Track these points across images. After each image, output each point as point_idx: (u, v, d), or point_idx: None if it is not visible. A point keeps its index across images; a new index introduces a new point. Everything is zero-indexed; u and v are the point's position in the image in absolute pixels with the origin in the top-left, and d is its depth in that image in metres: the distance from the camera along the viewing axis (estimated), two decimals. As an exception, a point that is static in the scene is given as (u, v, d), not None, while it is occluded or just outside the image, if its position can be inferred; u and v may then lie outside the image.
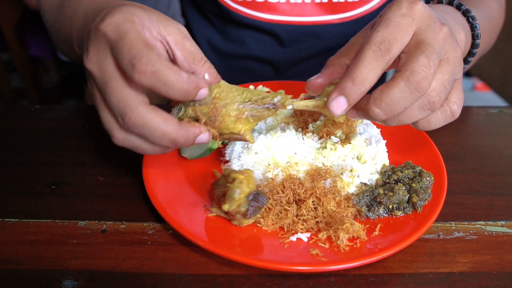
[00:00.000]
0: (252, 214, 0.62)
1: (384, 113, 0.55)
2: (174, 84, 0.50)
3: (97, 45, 0.52)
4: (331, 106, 0.56)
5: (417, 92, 0.53)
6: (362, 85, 0.54)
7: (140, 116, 0.51)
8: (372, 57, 0.53)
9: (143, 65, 0.48)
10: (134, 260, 0.61)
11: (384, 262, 0.61)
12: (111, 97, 0.52)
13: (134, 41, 0.49)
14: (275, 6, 0.96)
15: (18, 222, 0.67)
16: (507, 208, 0.72)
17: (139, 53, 0.49)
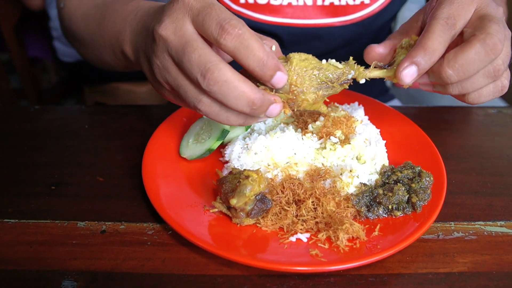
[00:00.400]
0: (255, 215, 0.62)
1: (456, 75, 0.58)
2: (256, 50, 0.51)
3: (175, 14, 0.53)
4: (402, 75, 0.59)
5: (492, 54, 0.56)
6: (433, 55, 0.57)
7: (222, 72, 0.51)
8: (441, 29, 0.57)
9: (231, 26, 0.50)
10: (133, 261, 0.61)
11: (383, 262, 0.61)
12: (192, 55, 0.51)
13: (222, 8, 0.52)
14: (277, 9, 0.97)
15: (17, 222, 0.67)
16: (506, 208, 0.72)
17: (229, 16, 0.51)
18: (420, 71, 0.59)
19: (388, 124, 0.85)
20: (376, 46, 0.64)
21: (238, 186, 0.61)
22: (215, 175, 0.74)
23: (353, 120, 0.79)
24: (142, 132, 0.87)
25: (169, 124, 0.83)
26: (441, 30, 0.57)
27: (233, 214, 0.63)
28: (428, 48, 0.57)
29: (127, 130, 0.90)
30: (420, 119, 0.95)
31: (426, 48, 0.57)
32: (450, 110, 1.01)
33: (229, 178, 0.65)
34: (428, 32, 0.58)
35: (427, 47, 0.57)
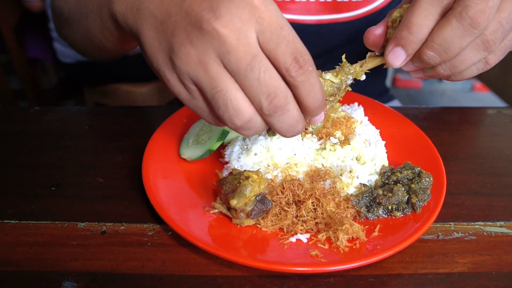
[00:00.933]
0: (255, 216, 0.62)
1: (438, 55, 0.53)
2: (317, 89, 0.49)
3: (238, 13, 0.45)
4: (389, 58, 0.55)
5: (473, 28, 0.49)
6: (419, 32, 0.51)
7: (289, 101, 0.49)
8: (428, 1, 0.51)
9: (305, 62, 0.47)
10: (133, 262, 0.61)
11: (383, 262, 0.62)
12: (262, 74, 0.47)
13: (293, 33, 0.47)
14: (280, 4, 0.96)
15: (17, 223, 0.67)
16: (506, 208, 0.72)
17: (302, 48, 0.47)
18: (408, 52, 0.54)
19: (388, 125, 0.85)
20: (373, 29, 0.58)
21: (238, 187, 0.61)
22: (215, 176, 0.74)
23: (352, 120, 0.79)
24: (142, 133, 0.87)
25: (169, 125, 0.83)
26: (428, 2, 0.50)
27: (233, 214, 0.63)
28: (412, 26, 0.51)
29: (127, 131, 0.90)
30: (419, 119, 0.95)
31: (410, 26, 0.51)
32: (450, 111, 1.01)
33: (229, 179, 0.65)
34: (413, 6, 0.51)
35: (410, 25, 0.51)
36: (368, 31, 0.58)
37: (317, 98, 0.50)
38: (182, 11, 0.48)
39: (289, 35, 0.47)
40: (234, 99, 0.48)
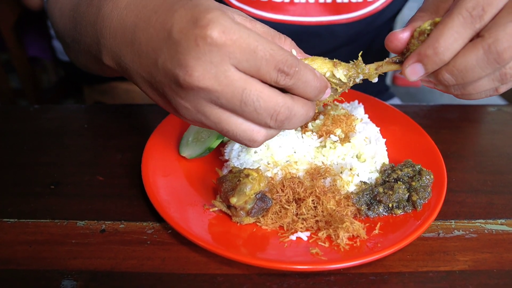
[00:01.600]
0: (255, 214, 0.62)
1: (454, 79, 0.53)
2: (311, 81, 0.51)
3: (207, 58, 0.46)
4: (407, 72, 0.54)
5: (497, 63, 0.49)
6: (445, 56, 0.51)
7: (292, 109, 0.51)
8: (461, 24, 0.49)
9: (289, 67, 0.48)
10: (133, 260, 0.61)
11: (384, 260, 0.61)
12: (257, 103, 0.48)
13: (266, 43, 0.47)
14: (279, 6, 0.96)
15: (17, 222, 0.67)
16: (506, 206, 0.72)
17: (282, 55, 0.47)
18: (427, 70, 0.53)
19: (388, 123, 0.85)
20: (398, 33, 0.55)
21: (238, 185, 0.61)
22: (215, 174, 0.74)
23: (353, 118, 0.78)
24: (142, 131, 0.87)
25: (169, 123, 0.83)
26: (461, 24, 0.49)
27: (233, 213, 0.63)
28: (439, 47, 0.50)
29: (127, 129, 0.89)
30: (420, 117, 0.95)
31: (437, 47, 0.50)
32: (450, 108, 1.01)
33: (229, 177, 0.64)
34: (444, 26, 0.50)
35: (438, 46, 0.50)
36: (393, 35, 0.56)
37: (314, 88, 0.52)
38: (160, 71, 0.49)
39: (265, 53, 0.47)
40: (243, 133, 0.52)
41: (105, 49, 0.58)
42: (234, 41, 0.46)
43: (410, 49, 0.55)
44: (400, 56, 0.57)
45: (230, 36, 0.45)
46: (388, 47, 0.58)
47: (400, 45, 0.56)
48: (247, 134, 0.52)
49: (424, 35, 0.53)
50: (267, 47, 0.47)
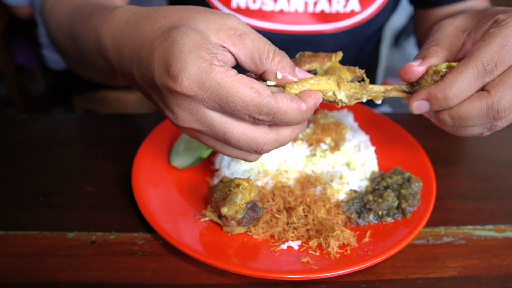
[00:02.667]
0: (246, 223, 0.62)
1: (452, 122, 0.56)
2: (293, 120, 0.50)
3: (186, 105, 0.48)
4: (413, 106, 0.57)
5: (493, 118, 0.54)
6: (452, 102, 0.54)
7: (273, 142, 0.52)
8: (474, 76, 0.52)
9: (265, 115, 0.48)
10: (124, 271, 0.61)
11: (374, 268, 0.62)
12: (239, 143, 0.50)
13: (242, 97, 0.46)
14: (269, 15, 0.97)
15: (5, 234, 0.66)
16: (494, 212, 0.73)
17: (256, 104, 0.47)
18: (432, 109, 0.56)
19: (378, 131, 0.86)
20: (414, 66, 0.57)
21: (229, 195, 0.61)
22: (206, 184, 0.74)
23: (342, 127, 0.79)
24: (132, 141, 0.86)
25: (159, 133, 0.82)
26: (473, 76, 0.52)
27: (224, 222, 0.63)
28: (450, 94, 0.53)
29: (117, 138, 0.89)
30: (409, 125, 0.95)
31: (448, 93, 0.53)
32: (438, 116, 1.02)
33: (220, 187, 0.64)
34: (458, 75, 0.52)
35: (449, 93, 0.53)
36: (409, 67, 0.58)
37: (298, 121, 0.51)
38: (154, 83, 0.50)
39: (236, 104, 0.47)
40: (237, 156, 0.55)
41: (114, 69, 0.61)
42: (205, 91, 0.46)
43: (420, 83, 0.58)
44: (410, 87, 0.59)
45: (200, 87, 0.46)
46: (402, 76, 0.59)
47: (414, 78, 0.58)
48: (240, 157, 0.55)
49: (438, 75, 0.56)
50: (238, 98, 0.46)
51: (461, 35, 0.61)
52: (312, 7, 0.97)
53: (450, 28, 0.62)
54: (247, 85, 0.46)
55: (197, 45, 0.47)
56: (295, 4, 0.96)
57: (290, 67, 0.52)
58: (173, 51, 0.47)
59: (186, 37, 0.47)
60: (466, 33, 0.61)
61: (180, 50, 0.47)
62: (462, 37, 0.61)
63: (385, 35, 3.06)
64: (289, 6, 0.96)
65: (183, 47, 0.47)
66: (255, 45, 0.51)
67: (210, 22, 0.50)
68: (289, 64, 0.52)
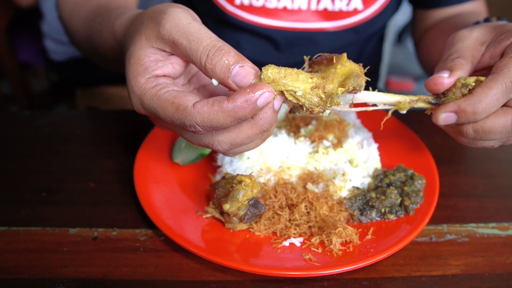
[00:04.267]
0: (248, 220, 0.62)
1: (474, 136, 0.58)
2: (224, 122, 0.48)
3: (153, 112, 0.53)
4: (441, 117, 0.58)
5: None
6: (480, 116, 0.56)
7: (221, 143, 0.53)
8: (502, 91, 0.54)
9: (191, 127, 0.49)
10: (126, 268, 0.61)
11: (377, 265, 0.62)
12: (193, 141, 0.55)
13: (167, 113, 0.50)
14: (273, 11, 0.97)
15: (7, 230, 0.66)
16: (497, 210, 0.73)
17: (180, 120, 0.49)
18: (459, 122, 0.57)
19: (380, 127, 0.85)
20: (444, 78, 0.58)
21: (231, 191, 0.61)
22: (208, 180, 0.74)
23: (345, 123, 0.79)
24: (134, 137, 0.86)
25: (161, 130, 0.82)
26: (502, 92, 0.54)
27: (226, 219, 0.63)
28: (478, 108, 0.55)
29: (119, 135, 0.89)
30: (412, 122, 0.95)
31: (477, 107, 0.55)
32: (442, 113, 1.01)
33: (222, 183, 0.64)
34: (488, 90, 0.55)
35: (478, 107, 0.55)
36: (438, 78, 0.59)
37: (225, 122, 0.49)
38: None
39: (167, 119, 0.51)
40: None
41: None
42: (146, 110, 0.52)
43: (447, 95, 0.59)
44: (435, 98, 0.60)
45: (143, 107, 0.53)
46: (430, 87, 0.60)
47: (442, 90, 0.59)
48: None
49: (466, 88, 0.57)
50: (163, 115, 0.50)
51: (480, 48, 0.62)
52: (315, 5, 0.97)
53: (470, 40, 0.63)
54: (169, 102, 0.49)
55: (134, 71, 0.53)
56: (299, 2, 0.96)
57: (225, 73, 0.49)
58: (126, 75, 0.54)
59: (128, 65, 0.54)
60: (484, 46, 0.62)
61: (127, 78, 0.54)
62: (481, 50, 0.62)
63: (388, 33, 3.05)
64: (293, 4, 0.96)
65: (128, 76, 0.54)
66: (188, 52, 0.50)
67: (149, 31, 0.53)
68: (222, 71, 0.49)
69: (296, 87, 0.51)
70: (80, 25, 0.83)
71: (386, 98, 0.60)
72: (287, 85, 0.50)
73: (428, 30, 1.05)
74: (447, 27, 0.95)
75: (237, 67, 0.49)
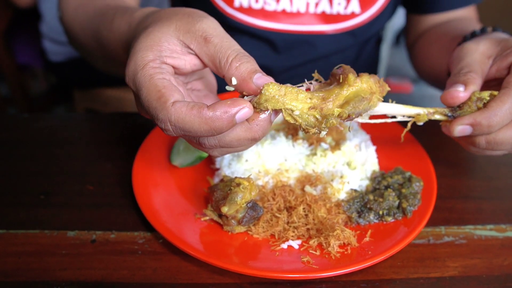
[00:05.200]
0: (246, 222, 0.62)
1: (486, 146, 0.62)
2: (197, 129, 0.48)
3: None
4: (457, 129, 0.61)
5: None
6: (494, 128, 0.60)
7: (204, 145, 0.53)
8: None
9: (162, 122, 0.49)
10: (124, 270, 0.61)
11: (375, 268, 0.62)
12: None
13: (148, 97, 0.50)
14: (272, 14, 0.98)
15: (5, 233, 0.66)
16: (495, 212, 0.73)
17: (155, 110, 0.49)
18: (474, 133, 0.61)
19: (378, 130, 0.85)
20: (460, 92, 0.61)
21: (229, 194, 0.61)
22: (206, 183, 0.74)
23: (343, 126, 0.79)
24: (133, 140, 0.86)
25: (160, 132, 0.82)
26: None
27: (225, 221, 0.63)
28: (493, 120, 0.59)
29: (117, 137, 0.89)
30: (409, 124, 0.95)
31: (492, 120, 0.59)
32: (439, 115, 1.02)
33: (220, 186, 0.64)
34: (502, 104, 0.59)
35: (493, 120, 0.59)
36: (455, 92, 0.62)
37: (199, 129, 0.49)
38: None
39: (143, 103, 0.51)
40: None
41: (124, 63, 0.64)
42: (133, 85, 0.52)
43: (463, 108, 0.62)
44: (451, 111, 0.63)
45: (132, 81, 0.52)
46: (446, 101, 0.63)
47: (458, 103, 0.62)
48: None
49: (481, 102, 0.61)
50: (145, 98, 0.50)
51: (487, 62, 0.66)
52: (313, 8, 0.97)
53: (477, 54, 0.66)
54: (156, 88, 0.49)
55: (148, 46, 0.52)
56: (297, 5, 0.97)
57: (248, 73, 0.50)
58: (133, 46, 0.54)
59: (144, 38, 0.53)
60: (491, 59, 0.66)
61: (136, 48, 0.53)
62: (488, 63, 0.66)
63: (386, 35, 3.06)
64: (292, 7, 0.97)
65: (138, 46, 0.53)
66: (217, 49, 0.52)
67: (182, 23, 0.53)
68: (247, 70, 0.50)
69: (294, 107, 0.51)
70: (86, 21, 0.82)
71: (405, 110, 0.62)
72: (286, 104, 0.50)
73: (421, 35, 1.07)
74: (441, 33, 0.97)
75: (261, 74, 0.51)
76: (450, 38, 0.90)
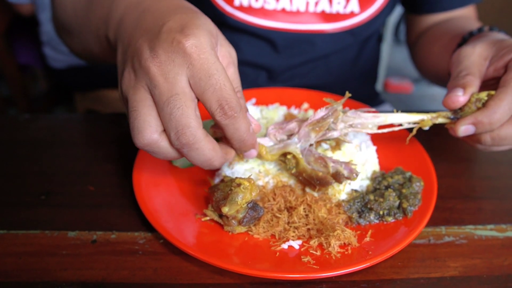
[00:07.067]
0: (247, 223, 0.62)
1: (491, 142, 0.65)
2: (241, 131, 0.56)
3: (173, 56, 0.52)
4: (461, 129, 0.65)
5: None
6: (495, 125, 0.63)
7: (197, 140, 0.53)
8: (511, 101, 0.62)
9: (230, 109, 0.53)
10: (125, 271, 0.61)
11: (375, 268, 0.62)
12: (175, 110, 0.52)
13: (222, 78, 0.52)
14: (272, 13, 0.98)
15: (6, 233, 0.67)
16: (495, 211, 0.73)
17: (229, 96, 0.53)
18: (477, 132, 0.65)
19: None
20: (460, 96, 0.65)
21: (230, 194, 0.61)
22: (207, 183, 0.74)
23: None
24: (133, 140, 0.86)
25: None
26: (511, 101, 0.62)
27: (225, 222, 0.63)
28: (494, 118, 0.62)
29: (118, 138, 0.89)
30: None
31: (493, 117, 0.62)
32: (440, 115, 1.02)
33: (221, 186, 0.64)
34: (500, 102, 0.62)
35: (493, 117, 0.62)
36: (456, 97, 0.65)
37: (241, 139, 0.57)
38: (136, 45, 0.56)
39: (217, 83, 0.52)
40: (141, 121, 0.53)
41: (113, 20, 0.65)
42: (200, 58, 0.52)
43: (464, 110, 0.66)
44: (453, 114, 0.67)
45: (199, 53, 0.52)
46: (448, 105, 0.67)
47: (459, 106, 0.66)
48: (140, 125, 0.53)
49: (480, 102, 0.65)
50: (222, 80, 0.52)
51: (484, 63, 0.68)
52: (313, 7, 0.98)
53: (475, 57, 0.69)
54: (227, 77, 0.53)
55: (210, 30, 0.55)
56: (297, 4, 0.97)
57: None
58: (194, 21, 0.54)
59: (204, 19, 0.56)
60: (487, 60, 0.68)
61: (202, 24, 0.54)
62: (485, 65, 0.68)
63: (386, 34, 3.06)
64: (291, 6, 0.97)
65: (204, 24, 0.55)
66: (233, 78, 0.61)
67: (222, 35, 0.60)
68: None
69: None
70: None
71: (410, 118, 0.68)
72: None
73: (422, 34, 1.07)
74: (441, 32, 0.99)
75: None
76: (450, 38, 0.91)
